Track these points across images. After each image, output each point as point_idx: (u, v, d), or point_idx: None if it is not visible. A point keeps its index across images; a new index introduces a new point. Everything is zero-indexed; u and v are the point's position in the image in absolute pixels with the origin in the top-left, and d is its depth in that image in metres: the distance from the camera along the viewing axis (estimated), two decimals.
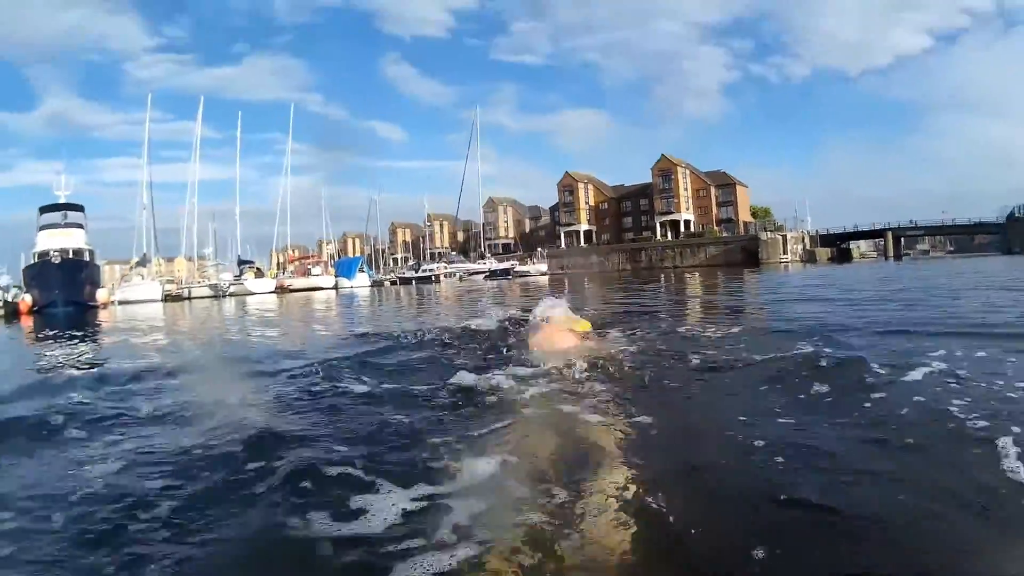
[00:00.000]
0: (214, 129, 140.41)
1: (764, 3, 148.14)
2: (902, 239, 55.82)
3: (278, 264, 62.48)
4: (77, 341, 10.16)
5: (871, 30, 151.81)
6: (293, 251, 67.94)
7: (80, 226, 37.90)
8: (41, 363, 7.07)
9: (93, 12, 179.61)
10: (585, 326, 4.82)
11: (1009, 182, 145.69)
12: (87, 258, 36.30)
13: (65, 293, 30.37)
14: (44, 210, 38.52)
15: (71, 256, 34.72)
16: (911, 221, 57.53)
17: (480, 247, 76.03)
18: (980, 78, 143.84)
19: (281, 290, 47.23)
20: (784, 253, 49.95)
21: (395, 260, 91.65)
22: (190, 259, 57.19)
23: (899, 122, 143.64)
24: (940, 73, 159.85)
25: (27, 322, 21.21)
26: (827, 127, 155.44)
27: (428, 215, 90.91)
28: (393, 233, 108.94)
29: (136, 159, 51.33)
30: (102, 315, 23.76)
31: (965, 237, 73.75)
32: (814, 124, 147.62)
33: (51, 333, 12.92)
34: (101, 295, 35.05)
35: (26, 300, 30.54)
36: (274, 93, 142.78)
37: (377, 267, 74.83)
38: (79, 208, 39.57)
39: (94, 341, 10.33)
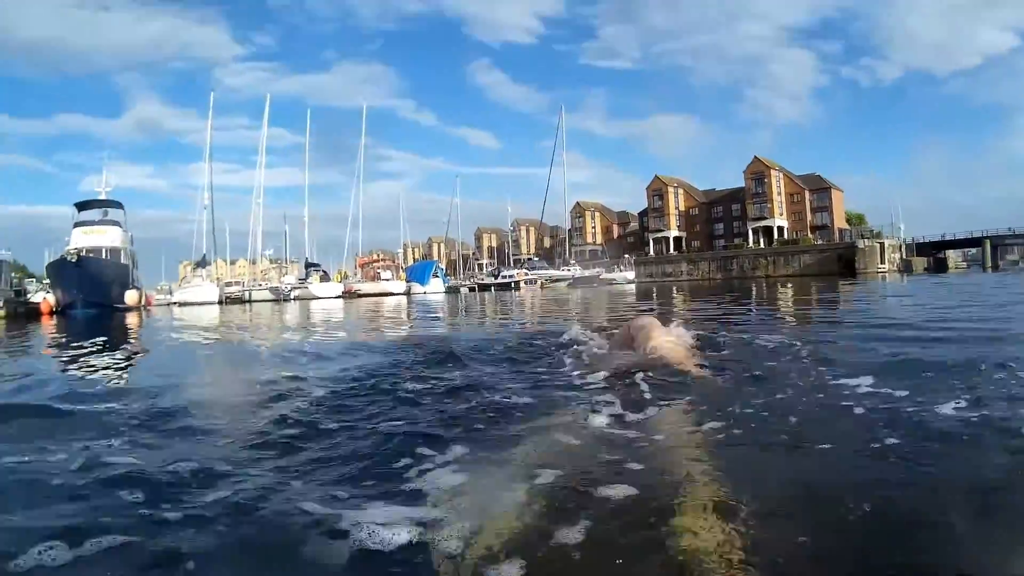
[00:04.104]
0: (298, 133, 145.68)
1: (849, 2, 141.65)
2: (998, 248, 52.38)
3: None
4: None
5: (957, 29, 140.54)
6: (371, 254, 67.23)
7: (116, 224, 35.86)
8: None
9: (181, 22, 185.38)
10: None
11: None
12: (120, 258, 34.01)
13: (86, 294, 27.83)
14: (81, 207, 36.73)
15: (102, 255, 32.70)
16: (1009, 229, 53.52)
17: (565, 253, 74.71)
18: None
19: (348, 295, 45.47)
20: (882, 262, 47.64)
21: (479, 266, 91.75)
22: (253, 262, 56.94)
23: (988, 126, 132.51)
24: None
25: (46, 323, 19.25)
26: (918, 131, 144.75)
27: (514, 221, 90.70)
28: (479, 238, 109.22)
29: (218, 163, 51.07)
30: (129, 319, 20.97)
31: None
32: (905, 127, 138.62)
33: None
34: (130, 297, 32.56)
35: (48, 300, 28.67)
36: (366, 100, 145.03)
37: (459, 273, 76.04)
38: (118, 205, 37.76)
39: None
